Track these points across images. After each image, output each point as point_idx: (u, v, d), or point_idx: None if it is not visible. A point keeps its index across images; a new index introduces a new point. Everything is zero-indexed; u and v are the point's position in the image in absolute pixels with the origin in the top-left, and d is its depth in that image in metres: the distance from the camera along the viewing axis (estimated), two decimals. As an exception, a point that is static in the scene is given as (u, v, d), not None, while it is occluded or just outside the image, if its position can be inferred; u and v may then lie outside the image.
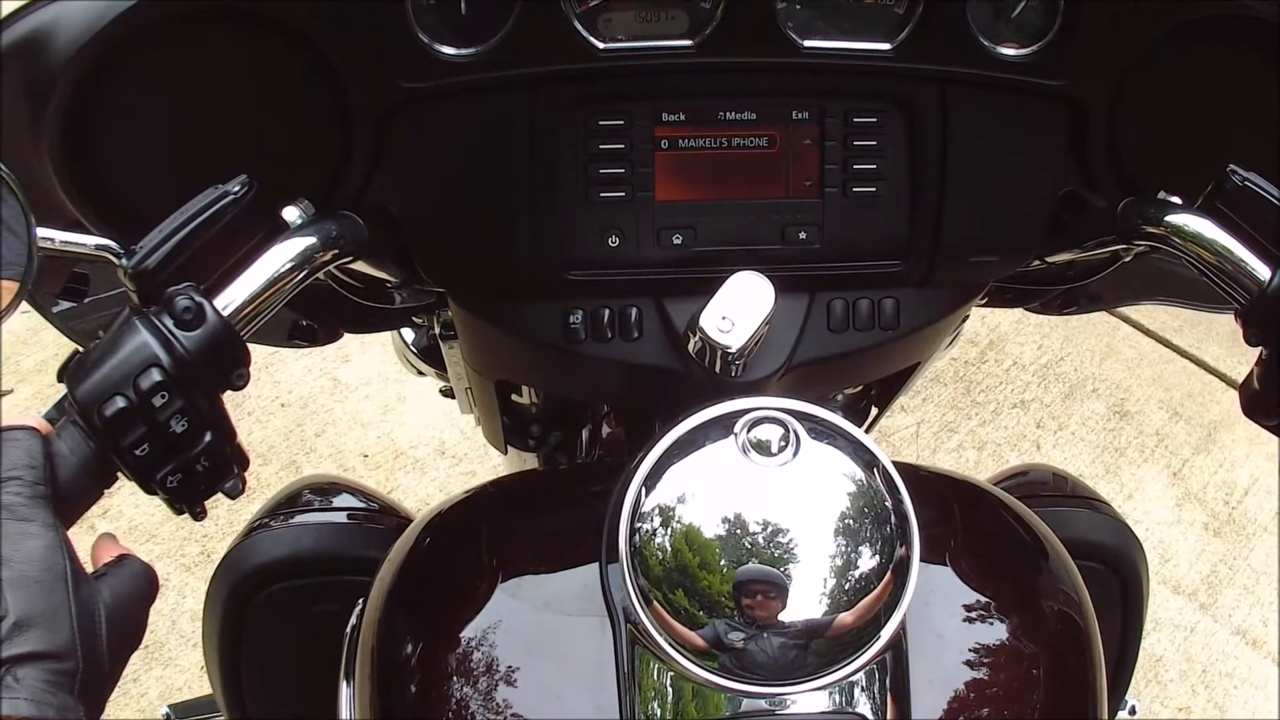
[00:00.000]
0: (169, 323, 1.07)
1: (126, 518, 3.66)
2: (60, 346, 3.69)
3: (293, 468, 3.94)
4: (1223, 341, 4.69)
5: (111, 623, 1.00)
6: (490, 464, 3.97)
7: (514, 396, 1.98)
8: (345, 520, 1.84)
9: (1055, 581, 1.40)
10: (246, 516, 1.76)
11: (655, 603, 1.08)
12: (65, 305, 1.48)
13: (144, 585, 1.06)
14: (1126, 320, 4.75)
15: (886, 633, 1.09)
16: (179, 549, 3.67)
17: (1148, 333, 4.71)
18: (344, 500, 1.92)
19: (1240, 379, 1.25)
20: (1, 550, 0.94)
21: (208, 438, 1.09)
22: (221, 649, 1.75)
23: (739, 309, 1.25)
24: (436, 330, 1.93)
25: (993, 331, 4.60)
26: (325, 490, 1.94)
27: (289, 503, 1.86)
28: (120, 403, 1.03)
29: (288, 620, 1.73)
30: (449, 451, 4.08)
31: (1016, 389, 4.45)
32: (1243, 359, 4.52)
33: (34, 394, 4.17)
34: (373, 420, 4.18)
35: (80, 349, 1.10)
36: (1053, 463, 3.87)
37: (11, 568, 0.93)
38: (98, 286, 1.46)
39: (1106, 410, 4.40)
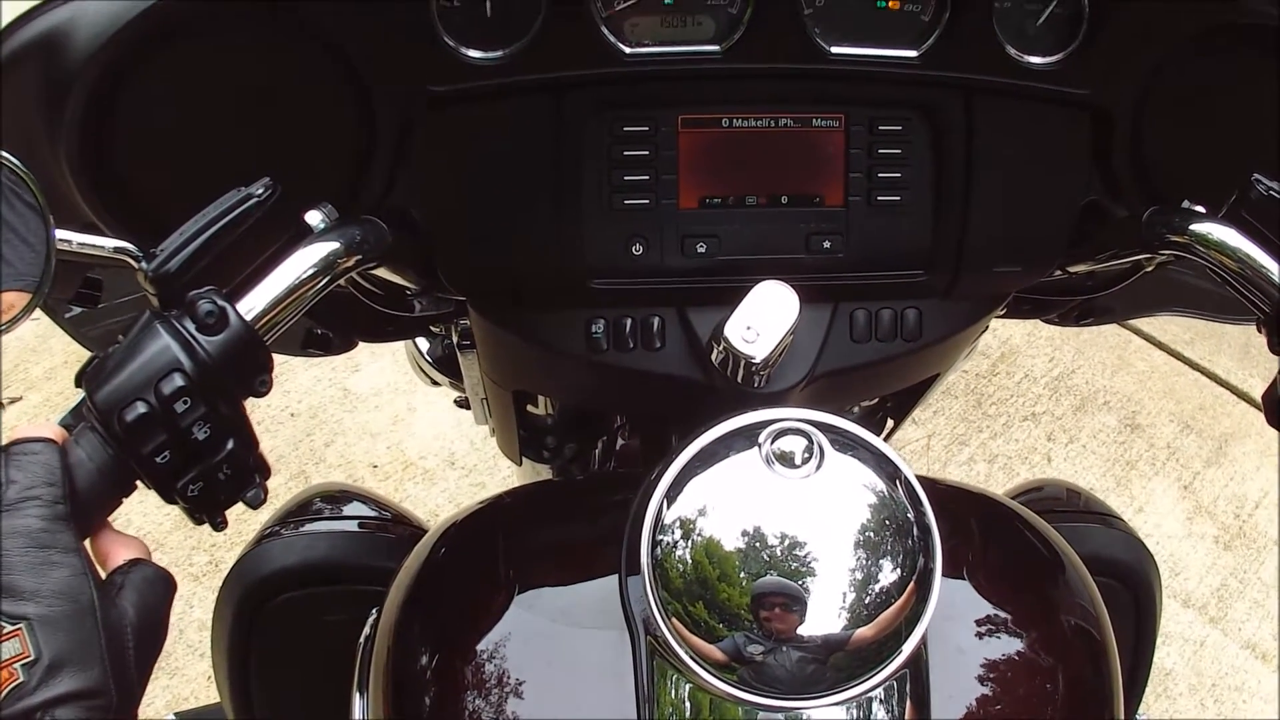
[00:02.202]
0: (191, 327, 1.05)
1: (135, 525, 3.63)
2: (70, 354, 3.68)
3: (302, 478, 3.94)
4: (1234, 354, 4.68)
5: (138, 640, 0.99)
6: (500, 475, 3.97)
7: (530, 407, 1.97)
8: (356, 529, 1.84)
9: (1073, 596, 1.39)
10: (254, 526, 1.75)
11: (675, 615, 1.07)
12: (77, 311, 1.47)
13: (162, 590, 1.06)
14: (1138, 333, 4.75)
15: (908, 647, 1.07)
16: (187, 558, 3.67)
17: (1159, 345, 4.71)
18: (355, 509, 1.91)
19: (1252, 391, 1.25)
20: (27, 584, 0.93)
21: (230, 445, 1.08)
22: (230, 657, 1.74)
23: (763, 319, 1.25)
24: (454, 339, 1.92)
25: (1004, 344, 4.60)
26: (336, 499, 1.93)
27: (300, 511, 1.85)
28: (141, 408, 1.01)
29: (298, 628, 1.72)
30: (459, 462, 4.08)
31: (1028, 401, 4.45)
32: (1254, 372, 4.54)
33: (43, 401, 4.18)
34: (382, 430, 4.18)
35: (96, 355, 1.09)
36: (1064, 476, 3.87)
37: (39, 603, 0.93)
38: (110, 293, 1.45)
39: (1118, 423, 4.39)
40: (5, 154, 1.08)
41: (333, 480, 3.72)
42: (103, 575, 1.01)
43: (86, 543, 1.02)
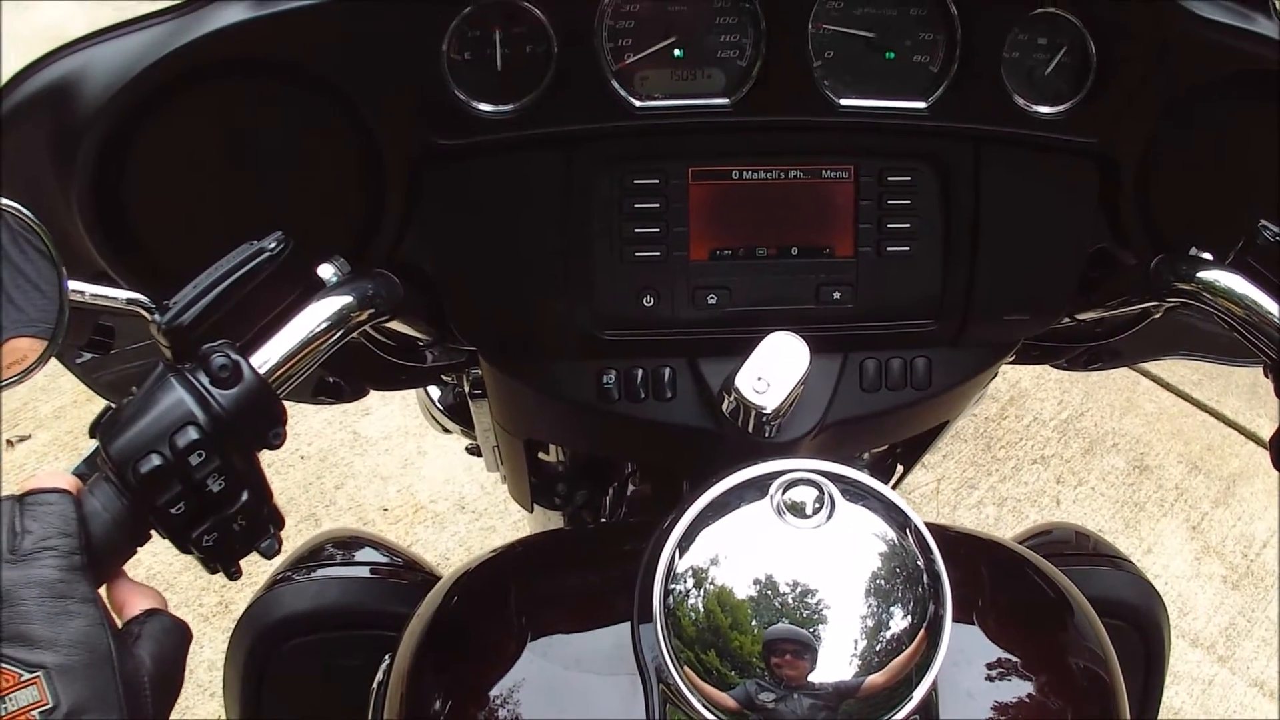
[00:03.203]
0: (205, 380, 1.06)
1: (145, 565, 3.64)
2: (79, 393, 3.69)
3: (312, 520, 3.94)
4: (1242, 394, 4.68)
5: (155, 689, 1.00)
6: (510, 520, 3.97)
7: (541, 455, 1.97)
8: (368, 575, 1.84)
9: (1082, 639, 1.40)
10: (264, 568, 1.77)
11: (688, 663, 1.08)
12: (88, 356, 1.48)
13: (179, 640, 1.06)
14: (1146, 374, 4.75)
15: (919, 693, 1.07)
16: (197, 599, 3.67)
17: (1167, 387, 4.71)
18: (367, 555, 1.91)
19: (1260, 431, 1.26)
20: (44, 633, 0.93)
21: (244, 497, 1.08)
22: (243, 700, 1.74)
23: (774, 369, 1.25)
24: (465, 388, 1.93)
25: (1013, 387, 4.60)
26: (348, 544, 1.93)
27: (312, 556, 1.85)
28: (156, 460, 1.02)
29: (310, 673, 1.72)
30: (469, 506, 4.08)
31: (1037, 444, 4.45)
32: (1262, 411, 4.54)
33: (52, 440, 4.19)
34: (393, 474, 4.17)
35: (111, 404, 1.10)
36: (1073, 518, 3.87)
37: (57, 652, 0.93)
38: (121, 339, 1.45)
39: (1126, 465, 4.39)
40: (16, 205, 1.09)
41: (343, 524, 3.73)
42: (119, 624, 1.02)
43: (102, 591, 1.02)
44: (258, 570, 1.65)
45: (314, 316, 1.19)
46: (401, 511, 4.05)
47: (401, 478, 4.16)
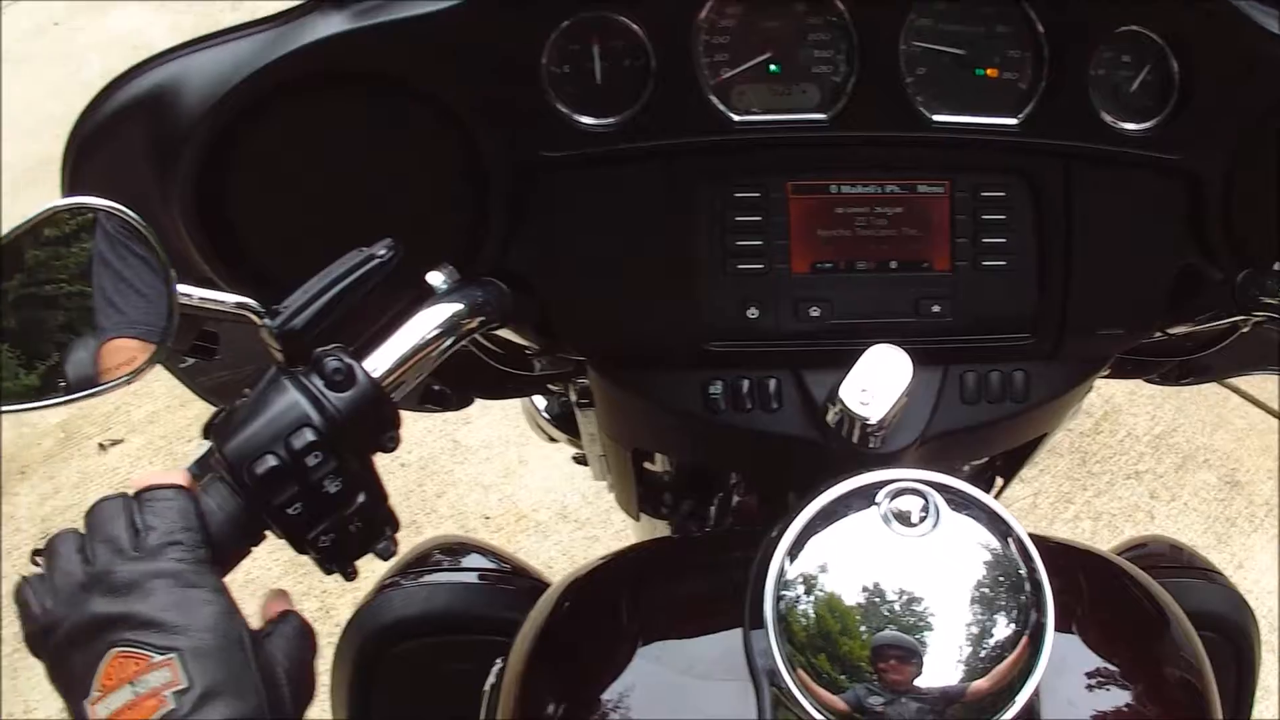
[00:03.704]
0: (319, 383, 1.09)
1: (242, 569, 3.67)
2: (174, 398, 3.72)
3: (414, 528, 3.93)
4: (1331, 410, 4.64)
5: (291, 681, 1.03)
6: (613, 529, 3.98)
7: (647, 464, 1.98)
8: (477, 580, 1.87)
9: (1178, 650, 1.41)
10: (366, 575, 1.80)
11: (800, 667, 1.09)
12: (190, 361, 1.50)
13: (309, 642, 1.09)
14: (1236, 391, 4.71)
15: (1021, 699, 1.08)
16: (298, 604, 3.67)
17: (1256, 403, 4.67)
18: (474, 560, 1.94)
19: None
20: (177, 619, 0.96)
21: (361, 499, 1.12)
22: (350, 702, 1.78)
23: (878, 381, 1.27)
24: (572, 398, 1.94)
25: (1107, 403, 4.57)
26: (455, 550, 1.96)
27: (419, 562, 1.88)
28: (272, 461, 1.05)
29: (419, 677, 1.75)
30: (571, 515, 4.09)
31: (1130, 460, 4.42)
32: (1350, 426, 4.51)
33: (145, 444, 4.28)
34: (494, 482, 4.19)
35: (220, 408, 1.13)
36: (1167, 533, 3.85)
37: (191, 636, 0.95)
38: (224, 344, 1.47)
39: (1218, 480, 4.35)
40: (124, 209, 1.13)
41: (445, 531, 3.75)
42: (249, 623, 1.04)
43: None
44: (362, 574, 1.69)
45: (425, 323, 1.23)
46: (504, 520, 4.08)
47: (503, 486, 4.18)
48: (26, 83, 6.17)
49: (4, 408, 1.19)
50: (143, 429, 4.34)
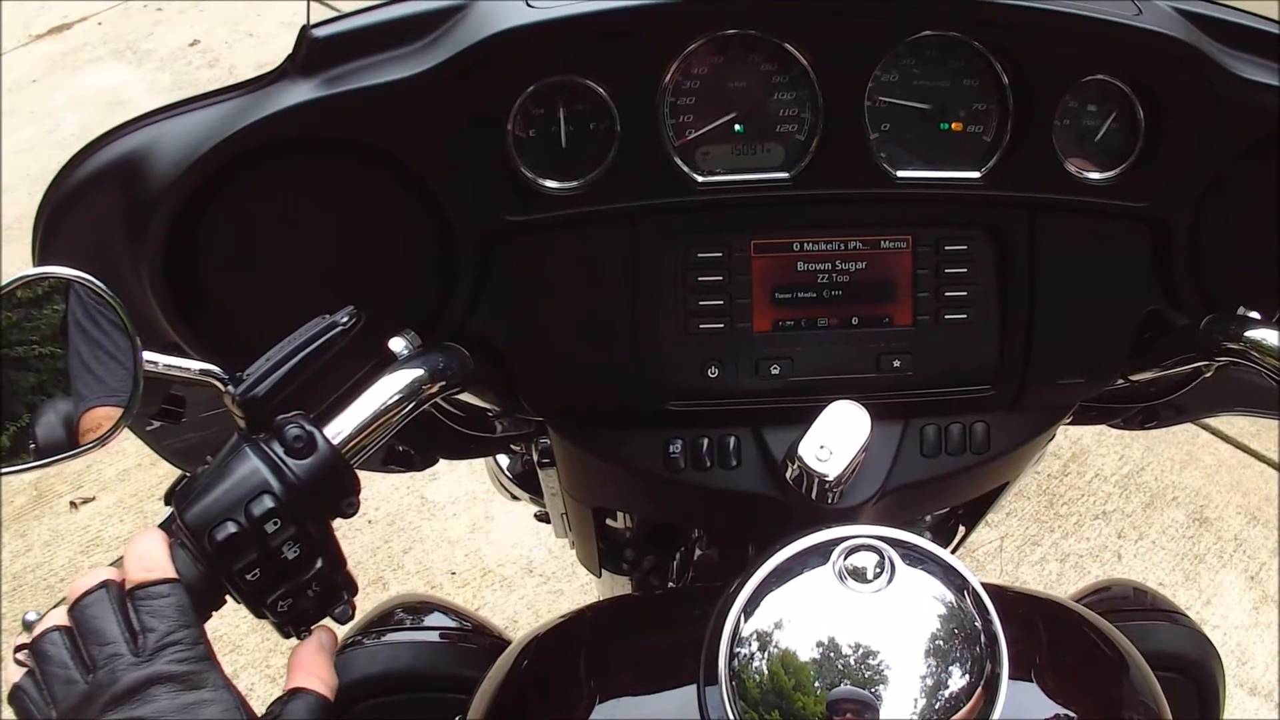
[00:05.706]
0: (280, 450, 1.11)
1: (210, 627, 3.66)
2: (143, 457, 3.72)
3: (380, 584, 3.96)
4: (1300, 446, 4.66)
5: None
6: (578, 583, 3.98)
7: (609, 521, 1.99)
8: (438, 639, 1.87)
9: (1136, 695, 1.41)
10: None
11: None
12: (157, 425, 1.51)
13: (318, 716, 1.08)
14: (1206, 428, 4.72)
15: None
16: (264, 660, 3.71)
17: (1226, 439, 4.68)
18: (436, 619, 1.95)
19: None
20: None
21: (319, 564, 1.13)
22: None
23: (836, 438, 1.27)
24: (534, 457, 1.94)
25: (1075, 444, 4.58)
26: (418, 609, 1.97)
27: (382, 621, 1.89)
28: (231, 528, 1.06)
29: (381, 736, 1.75)
30: (536, 570, 4.08)
31: (1098, 500, 4.43)
32: (1320, 462, 4.53)
33: (116, 502, 4.26)
34: (460, 538, 4.19)
35: (185, 472, 1.14)
36: (1134, 572, 3.86)
37: None
38: (192, 407, 1.48)
39: (1186, 518, 4.36)
40: (91, 278, 1.14)
41: (411, 588, 3.75)
42: (257, 713, 1.04)
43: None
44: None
45: (386, 389, 1.23)
46: (469, 575, 4.07)
47: (469, 541, 4.18)
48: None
49: None
50: (114, 487, 4.33)
